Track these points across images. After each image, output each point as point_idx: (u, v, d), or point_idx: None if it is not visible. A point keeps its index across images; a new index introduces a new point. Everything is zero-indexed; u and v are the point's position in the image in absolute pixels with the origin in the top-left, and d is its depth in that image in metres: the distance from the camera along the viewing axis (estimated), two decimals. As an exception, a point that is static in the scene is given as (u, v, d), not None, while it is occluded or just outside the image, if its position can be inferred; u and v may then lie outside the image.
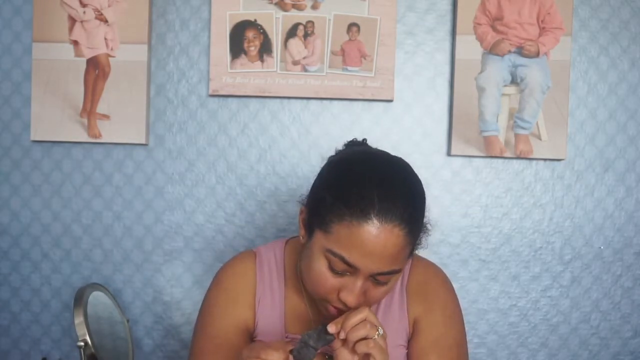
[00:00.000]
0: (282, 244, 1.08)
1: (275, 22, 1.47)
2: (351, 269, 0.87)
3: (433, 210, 1.49)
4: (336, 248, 0.86)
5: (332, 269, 0.88)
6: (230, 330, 0.99)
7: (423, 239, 0.95)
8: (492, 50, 1.46)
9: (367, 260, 0.85)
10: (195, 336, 1.02)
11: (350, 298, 0.87)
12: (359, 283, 0.87)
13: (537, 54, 1.46)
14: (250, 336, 1.01)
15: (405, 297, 1.02)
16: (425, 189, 0.90)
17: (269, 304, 1.02)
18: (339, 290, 0.89)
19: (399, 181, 0.90)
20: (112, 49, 1.48)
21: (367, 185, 0.86)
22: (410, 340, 1.02)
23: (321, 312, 0.96)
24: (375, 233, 0.84)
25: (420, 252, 1.02)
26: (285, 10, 1.47)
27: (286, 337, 1.00)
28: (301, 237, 0.95)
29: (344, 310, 0.89)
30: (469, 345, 1.31)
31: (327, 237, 0.87)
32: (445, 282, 1.06)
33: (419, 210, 0.91)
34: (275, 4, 1.47)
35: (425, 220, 0.94)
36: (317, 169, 0.97)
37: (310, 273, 0.91)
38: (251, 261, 1.05)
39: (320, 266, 0.88)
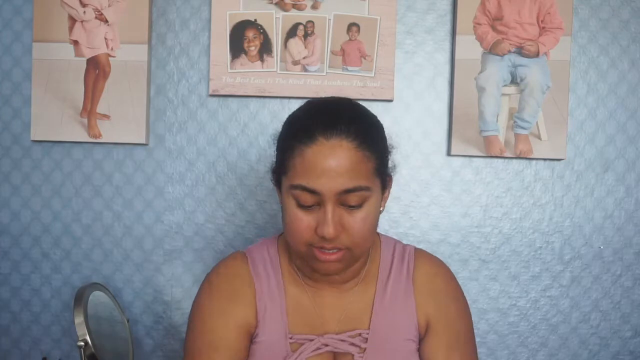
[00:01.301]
0: (274, 240, 1.07)
1: (275, 22, 1.47)
2: (316, 197, 0.87)
3: (433, 210, 1.51)
4: (296, 180, 0.88)
5: (300, 206, 0.89)
6: (229, 329, 0.97)
7: (389, 160, 0.96)
8: (492, 50, 1.46)
9: (325, 180, 0.86)
10: (189, 337, 0.99)
11: (325, 228, 0.87)
12: (329, 209, 0.87)
13: (537, 54, 1.46)
14: (251, 335, 0.99)
15: (411, 288, 1.01)
16: (425, 189, 0.91)
17: (269, 301, 1.00)
18: (316, 228, 0.89)
19: (342, 104, 0.94)
20: (112, 49, 1.48)
21: (311, 114, 0.92)
22: (424, 339, 1.00)
23: (315, 271, 0.95)
24: (324, 150, 0.87)
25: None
26: (285, 10, 1.47)
27: (290, 339, 0.97)
28: (280, 202, 0.97)
29: (332, 254, 0.89)
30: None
31: (288, 176, 0.90)
32: (453, 276, 1.06)
33: (366, 125, 0.92)
34: (275, 4, 1.47)
35: (387, 142, 0.96)
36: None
37: (287, 222, 0.91)
38: (243, 261, 1.02)
39: (291, 208, 0.90)
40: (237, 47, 1.47)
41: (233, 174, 1.50)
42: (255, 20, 1.47)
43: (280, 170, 0.94)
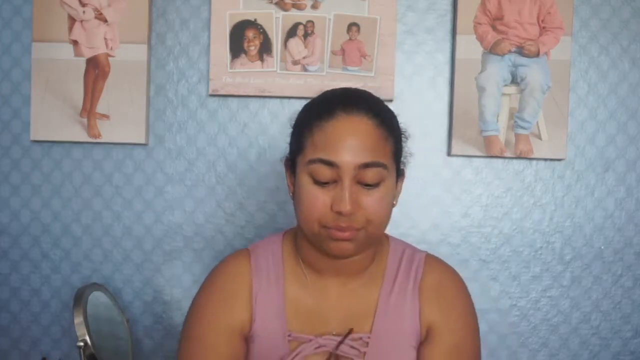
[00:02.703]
0: (279, 237, 1.05)
1: (275, 22, 1.47)
2: (334, 172, 0.87)
3: (433, 210, 1.51)
4: (315, 154, 0.88)
5: (317, 182, 0.88)
6: (222, 332, 0.95)
7: (404, 148, 0.97)
8: (492, 50, 1.46)
9: (344, 153, 0.86)
10: (183, 339, 0.98)
11: (342, 204, 0.86)
12: (346, 184, 0.86)
13: (538, 54, 1.46)
14: (246, 336, 0.97)
15: (417, 295, 0.98)
16: (425, 189, 0.91)
17: (267, 300, 0.97)
18: (332, 206, 0.87)
19: (360, 90, 0.96)
20: (112, 49, 1.48)
21: (331, 96, 0.93)
22: (423, 344, 0.97)
23: (327, 254, 0.93)
24: (344, 125, 0.87)
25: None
26: (285, 10, 1.47)
27: (288, 337, 0.95)
28: (290, 192, 0.96)
29: (347, 232, 0.87)
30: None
31: (305, 153, 0.89)
32: (463, 287, 1.03)
33: (386, 109, 0.94)
34: (275, 3, 1.47)
35: (402, 129, 0.97)
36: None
37: (301, 201, 0.90)
38: (245, 259, 1.00)
39: (307, 185, 0.88)
40: (237, 47, 1.47)
41: (233, 174, 1.50)
42: (255, 20, 1.47)
43: (297, 150, 0.92)
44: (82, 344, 1.22)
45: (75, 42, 1.48)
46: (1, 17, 1.51)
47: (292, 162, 0.94)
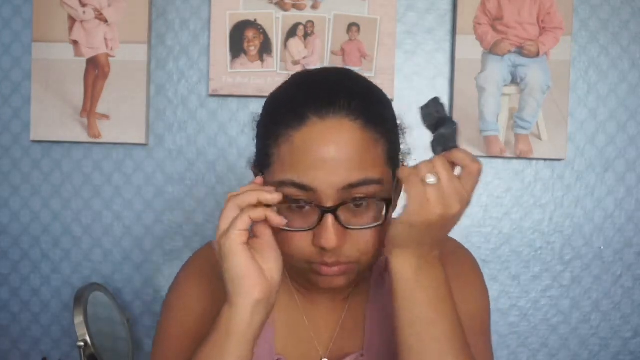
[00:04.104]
0: None
1: (275, 22, 1.47)
2: (310, 196, 0.67)
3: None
4: (282, 175, 0.68)
5: (291, 208, 0.69)
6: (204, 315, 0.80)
7: (402, 141, 0.78)
8: (492, 50, 1.46)
9: (321, 173, 0.66)
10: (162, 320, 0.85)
11: (324, 240, 0.66)
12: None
13: (537, 54, 1.46)
14: None
15: None
16: None
17: None
18: (313, 240, 0.68)
19: (340, 75, 0.73)
20: (112, 49, 1.48)
21: (300, 88, 0.72)
22: None
23: (316, 286, 0.74)
24: (319, 134, 0.66)
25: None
26: (285, 10, 1.47)
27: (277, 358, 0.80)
28: None
29: (336, 267, 0.69)
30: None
31: (272, 172, 0.70)
32: (470, 258, 0.87)
33: (373, 99, 0.72)
34: (275, 3, 1.47)
35: (398, 122, 0.78)
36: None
37: (275, 234, 0.70)
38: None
39: (280, 212, 0.68)
40: (237, 47, 1.47)
41: (233, 174, 1.50)
42: (255, 20, 1.47)
43: (263, 165, 0.72)
44: (82, 344, 1.22)
45: (75, 42, 1.48)
46: (1, 17, 1.51)
47: (258, 174, 0.74)
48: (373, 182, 0.68)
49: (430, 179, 0.65)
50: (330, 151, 0.66)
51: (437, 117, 0.70)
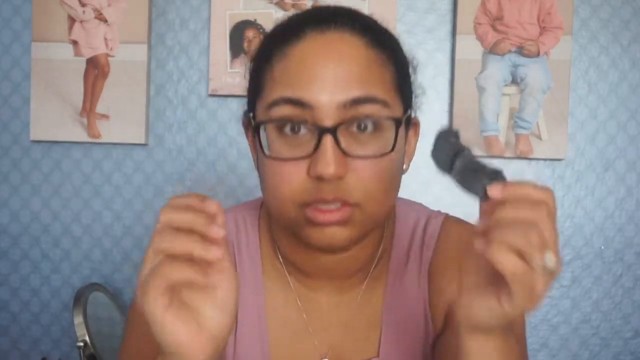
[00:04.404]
0: (254, 213, 0.77)
1: (275, 22, 1.47)
2: (307, 116, 0.58)
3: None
4: (274, 93, 0.59)
5: (284, 135, 0.60)
6: None
7: (413, 77, 0.67)
8: (492, 50, 1.46)
9: (318, 87, 0.57)
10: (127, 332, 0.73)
11: (322, 164, 0.56)
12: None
13: (538, 54, 1.46)
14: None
15: (425, 277, 0.72)
16: (425, 189, 0.83)
17: (243, 311, 0.70)
18: (309, 169, 0.58)
19: (348, 7, 0.66)
20: (111, 49, 1.48)
21: (300, 13, 0.67)
22: (444, 334, 0.69)
23: (312, 244, 0.62)
24: (318, 45, 0.59)
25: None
26: (285, 10, 1.47)
27: None
28: (254, 162, 0.70)
29: (335, 210, 0.58)
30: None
31: (264, 96, 0.61)
32: None
33: (381, 27, 0.67)
34: (275, 3, 1.47)
35: (408, 58, 0.69)
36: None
37: (266, 171, 0.62)
38: None
39: (271, 143, 0.60)
40: (236, 46, 1.47)
41: (233, 174, 1.50)
42: (255, 20, 1.47)
43: (254, 96, 0.64)
44: (82, 344, 1.22)
45: (75, 42, 1.48)
46: (1, 17, 1.50)
47: (251, 113, 0.66)
48: (378, 102, 0.59)
49: (550, 262, 0.49)
50: (330, 65, 0.58)
51: (455, 148, 0.54)
